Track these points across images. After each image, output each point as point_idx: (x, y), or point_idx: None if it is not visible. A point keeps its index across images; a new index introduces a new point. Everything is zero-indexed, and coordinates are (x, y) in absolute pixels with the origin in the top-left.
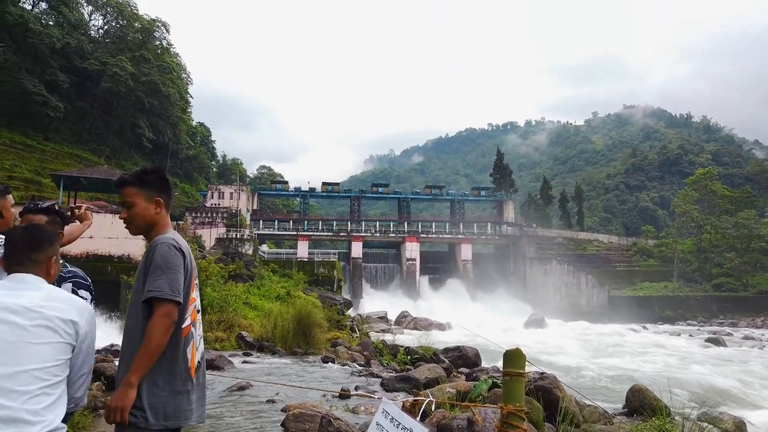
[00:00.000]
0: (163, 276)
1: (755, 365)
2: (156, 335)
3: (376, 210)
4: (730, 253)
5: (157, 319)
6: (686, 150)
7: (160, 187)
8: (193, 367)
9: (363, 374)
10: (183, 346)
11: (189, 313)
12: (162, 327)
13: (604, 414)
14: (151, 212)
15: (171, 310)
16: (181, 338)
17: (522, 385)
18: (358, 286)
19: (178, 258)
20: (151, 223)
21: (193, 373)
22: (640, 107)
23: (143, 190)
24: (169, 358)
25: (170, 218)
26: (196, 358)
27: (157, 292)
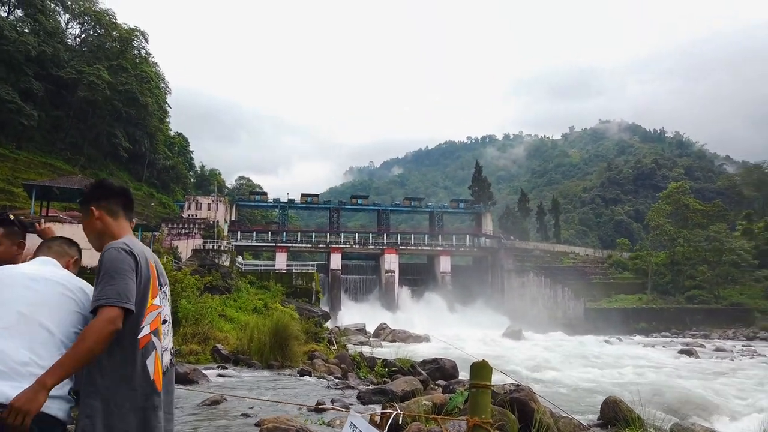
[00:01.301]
0: (110, 282)
1: (726, 377)
2: (90, 340)
3: (355, 222)
4: (703, 266)
5: (97, 324)
6: (660, 164)
7: (96, 196)
8: (158, 381)
9: (340, 387)
10: (141, 359)
11: (148, 322)
12: (100, 332)
13: (578, 426)
14: (95, 224)
15: (115, 316)
16: (137, 349)
17: (488, 396)
18: (337, 298)
19: (126, 262)
20: (100, 233)
21: (159, 386)
22: (615, 122)
23: (84, 206)
24: (126, 372)
25: (146, 229)
26: (161, 371)
27: (102, 300)
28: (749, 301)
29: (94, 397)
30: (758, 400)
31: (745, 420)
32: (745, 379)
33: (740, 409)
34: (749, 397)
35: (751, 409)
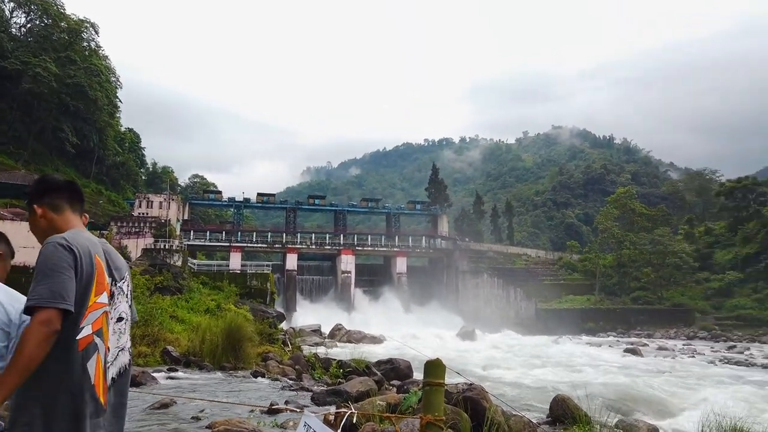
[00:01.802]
0: (44, 281)
1: (668, 375)
2: (29, 347)
3: (312, 222)
4: (647, 268)
5: (33, 328)
6: (608, 170)
7: (38, 193)
8: (99, 385)
9: (294, 389)
10: (81, 360)
11: (89, 321)
12: (37, 337)
13: (528, 423)
14: (39, 222)
15: (51, 317)
16: (77, 352)
17: (441, 394)
18: (292, 298)
19: (64, 258)
20: (45, 231)
21: (100, 391)
22: (567, 128)
23: (29, 205)
24: (64, 376)
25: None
26: (109, 374)
27: (34, 300)
28: (690, 302)
29: (32, 403)
30: (698, 397)
31: (686, 415)
32: (685, 376)
33: (681, 405)
34: (689, 394)
35: (691, 406)
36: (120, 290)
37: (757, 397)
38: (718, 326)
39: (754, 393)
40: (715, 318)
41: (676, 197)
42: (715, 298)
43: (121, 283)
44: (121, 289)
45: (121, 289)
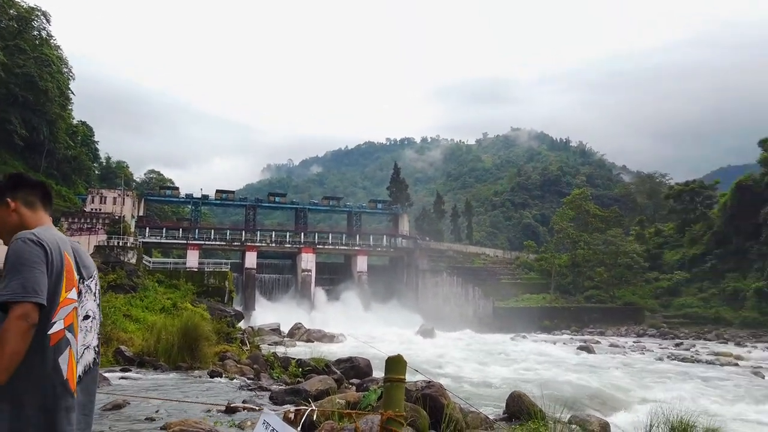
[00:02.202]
0: (17, 276)
1: (619, 371)
2: (11, 342)
3: (272, 220)
4: (600, 268)
5: (11, 323)
6: (564, 172)
7: (13, 186)
8: (72, 380)
9: (252, 388)
10: (53, 355)
11: (61, 316)
12: (17, 331)
13: (485, 420)
14: (11, 217)
15: (27, 311)
16: (48, 346)
17: (402, 390)
18: (251, 297)
19: (35, 253)
20: (16, 226)
21: (72, 386)
22: (525, 130)
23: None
24: (36, 371)
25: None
26: (77, 371)
27: (9, 295)
28: (640, 300)
29: (1, 398)
30: (647, 392)
31: (636, 410)
32: (635, 372)
33: (631, 400)
34: (639, 390)
35: (640, 401)
36: (88, 288)
37: (702, 391)
38: (666, 324)
39: (699, 388)
40: (664, 316)
41: (628, 199)
42: (664, 297)
43: (89, 281)
44: (88, 288)
45: (89, 287)
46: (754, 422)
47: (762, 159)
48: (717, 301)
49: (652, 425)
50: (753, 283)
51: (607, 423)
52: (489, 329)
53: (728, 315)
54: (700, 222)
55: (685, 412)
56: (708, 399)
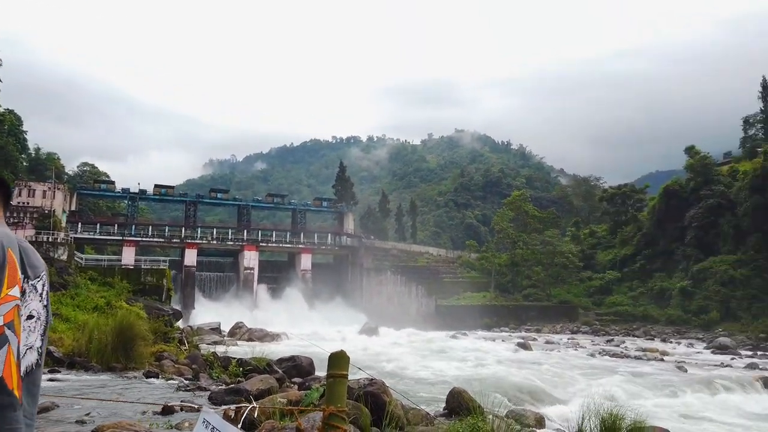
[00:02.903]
0: None
1: (554, 367)
2: None
3: (214, 217)
4: (538, 267)
5: None
6: (505, 173)
7: None
8: (10, 377)
9: (190, 388)
10: None
11: (1, 313)
12: None
13: (426, 416)
14: None
15: None
16: None
17: (344, 386)
18: (191, 295)
19: None
20: None
21: (12, 384)
22: (468, 132)
23: None
24: None
25: None
26: (20, 368)
27: None
28: (574, 299)
29: None
30: (580, 387)
31: (569, 404)
32: (569, 368)
33: (565, 394)
34: (572, 384)
35: (573, 395)
36: (33, 288)
37: (630, 385)
38: (599, 321)
39: (628, 382)
40: (596, 314)
41: (565, 201)
42: (597, 295)
43: (36, 281)
44: (34, 287)
45: (35, 287)
46: (677, 414)
47: (687, 165)
48: (645, 300)
49: (583, 418)
50: (678, 282)
51: (542, 417)
52: (431, 327)
53: (655, 313)
54: (630, 224)
55: (615, 406)
56: (636, 392)
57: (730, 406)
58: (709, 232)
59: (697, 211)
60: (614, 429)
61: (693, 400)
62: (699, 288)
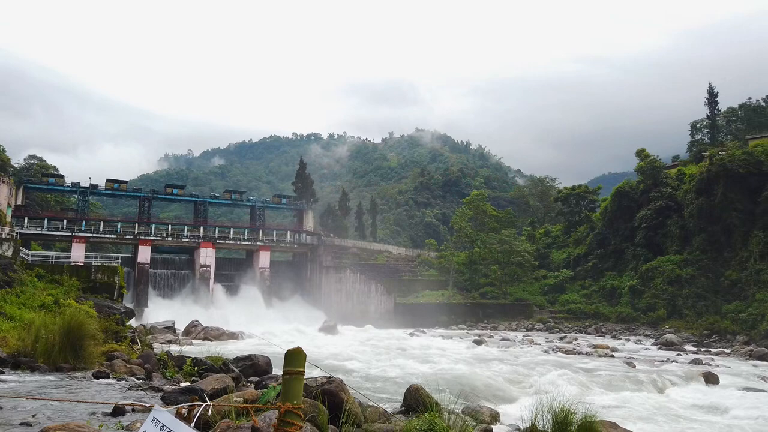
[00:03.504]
0: None
1: (509, 364)
2: None
3: (169, 213)
4: (495, 266)
5: None
6: (465, 173)
7: None
8: None
9: (142, 388)
10: None
11: None
12: None
13: (383, 413)
14: None
15: None
16: None
17: (301, 383)
18: (144, 293)
19: None
20: None
21: None
22: (429, 132)
23: None
24: None
25: None
26: None
27: None
28: (530, 296)
29: None
30: (533, 382)
31: (523, 399)
32: (524, 365)
33: (519, 390)
34: (526, 380)
35: (527, 390)
36: None
37: (581, 380)
38: (552, 319)
39: (579, 377)
40: (550, 311)
41: (522, 201)
42: (551, 293)
43: None
44: None
45: None
46: (625, 408)
47: (638, 168)
48: (597, 298)
49: (536, 414)
50: (628, 281)
51: (497, 412)
52: (390, 325)
53: (606, 310)
54: (584, 224)
55: (566, 401)
56: (587, 388)
57: (675, 400)
58: (658, 232)
59: (646, 212)
60: (566, 424)
61: (640, 395)
62: (647, 286)
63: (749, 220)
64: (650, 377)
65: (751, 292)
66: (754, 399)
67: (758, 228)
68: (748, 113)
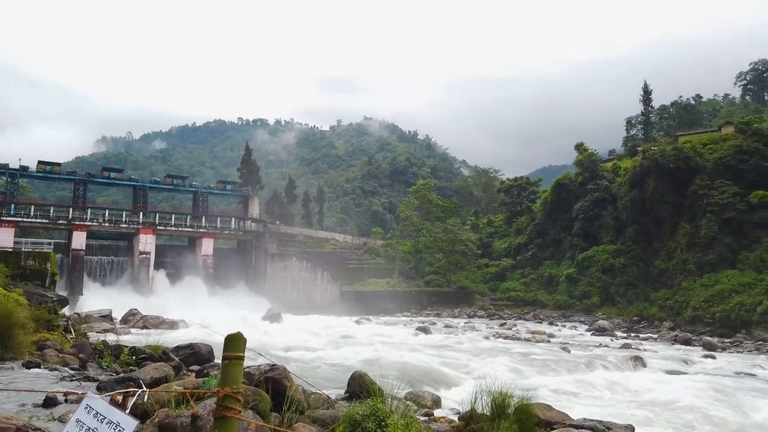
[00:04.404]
0: None
1: (452, 350)
2: None
3: (106, 197)
4: (439, 254)
5: None
6: (412, 162)
7: None
8: None
9: (76, 378)
10: None
11: None
12: None
13: (327, 400)
14: None
15: None
16: None
17: (240, 368)
18: (79, 281)
19: None
20: None
21: None
22: (377, 120)
23: None
24: None
25: None
26: None
27: None
28: (472, 284)
29: None
30: (473, 367)
31: (464, 384)
32: (465, 350)
33: (460, 375)
34: (467, 365)
35: (468, 376)
36: None
37: (519, 366)
38: (493, 306)
39: (518, 363)
40: (492, 299)
41: (466, 191)
42: (492, 281)
43: None
44: None
45: None
46: (560, 391)
47: (576, 161)
48: (536, 286)
49: (476, 398)
50: (565, 269)
51: (438, 397)
52: (336, 313)
53: (544, 298)
54: (525, 214)
55: (505, 385)
56: (524, 372)
57: (606, 383)
58: (594, 223)
59: (583, 204)
60: (503, 407)
61: (575, 378)
62: (583, 275)
63: (677, 213)
64: (583, 362)
65: (677, 281)
66: (673, 381)
67: (685, 220)
68: (679, 111)
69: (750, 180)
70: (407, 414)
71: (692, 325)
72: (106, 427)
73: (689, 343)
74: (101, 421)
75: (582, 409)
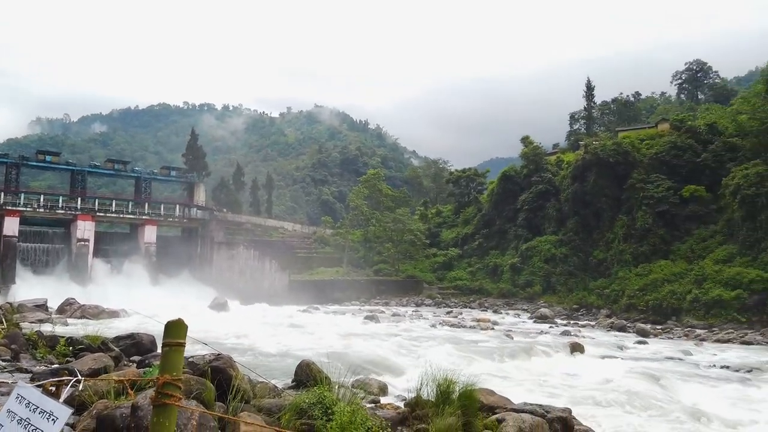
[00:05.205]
0: None
1: (400, 338)
2: None
3: (41, 182)
4: (389, 244)
5: None
6: (362, 152)
7: None
8: None
9: (8, 370)
10: None
11: None
12: None
13: (273, 389)
14: None
15: None
16: None
17: (181, 355)
18: (11, 269)
19: None
20: None
21: None
22: (328, 108)
23: None
24: None
25: None
26: None
27: None
28: (420, 274)
29: None
30: (420, 355)
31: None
32: (412, 339)
33: (407, 363)
34: (414, 353)
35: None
36: None
37: (464, 353)
38: (441, 295)
39: (463, 350)
40: (439, 288)
41: (416, 182)
42: (440, 270)
43: None
44: None
45: None
46: (503, 376)
47: (522, 154)
48: (481, 275)
49: (422, 384)
50: (509, 259)
51: (385, 384)
52: (284, 302)
53: (489, 286)
54: (472, 205)
55: (450, 371)
56: (469, 359)
57: (546, 368)
58: (537, 214)
59: (528, 196)
60: (448, 393)
61: (516, 364)
62: (526, 264)
63: (616, 205)
64: (525, 348)
65: (614, 271)
66: (607, 365)
67: (623, 212)
68: (620, 107)
69: (683, 175)
70: (354, 401)
71: (627, 313)
72: (39, 417)
73: (624, 329)
74: (33, 411)
75: (523, 394)
